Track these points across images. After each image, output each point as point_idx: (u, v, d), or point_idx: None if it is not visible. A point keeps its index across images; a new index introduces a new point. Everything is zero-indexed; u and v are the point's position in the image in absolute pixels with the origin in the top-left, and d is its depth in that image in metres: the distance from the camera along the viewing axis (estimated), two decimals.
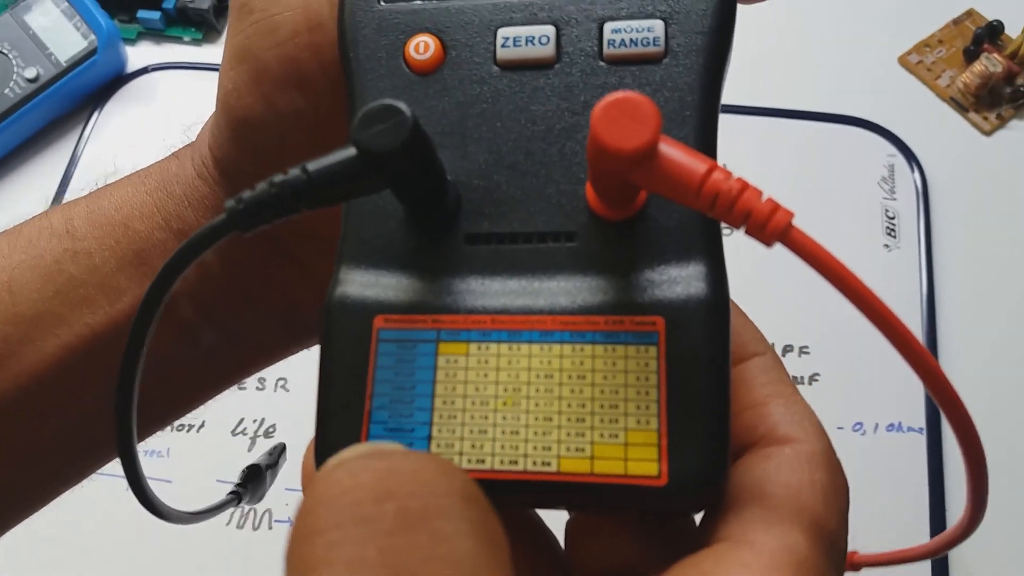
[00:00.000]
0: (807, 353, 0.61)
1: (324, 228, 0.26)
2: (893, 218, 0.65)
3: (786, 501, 0.19)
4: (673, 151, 0.18)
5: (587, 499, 0.19)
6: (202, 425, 0.60)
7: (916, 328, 0.61)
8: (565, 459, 0.19)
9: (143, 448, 0.60)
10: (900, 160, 0.68)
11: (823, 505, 0.19)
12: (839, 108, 0.70)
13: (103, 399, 0.25)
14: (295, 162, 0.19)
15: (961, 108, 0.70)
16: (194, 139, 0.29)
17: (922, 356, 0.17)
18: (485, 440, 0.19)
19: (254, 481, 0.31)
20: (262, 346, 0.30)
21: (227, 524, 0.57)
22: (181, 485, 0.57)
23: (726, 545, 0.18)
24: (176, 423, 0.59)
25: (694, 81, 0.21)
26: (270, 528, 0.57)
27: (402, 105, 0.18)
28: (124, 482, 0.24)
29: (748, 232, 0.18)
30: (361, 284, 0.21)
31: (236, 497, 0.30)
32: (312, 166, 0.19)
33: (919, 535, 0.54)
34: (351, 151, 0.19)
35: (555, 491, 0.19)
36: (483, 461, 0.19)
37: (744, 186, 0.18)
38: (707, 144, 0.21)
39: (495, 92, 0.22)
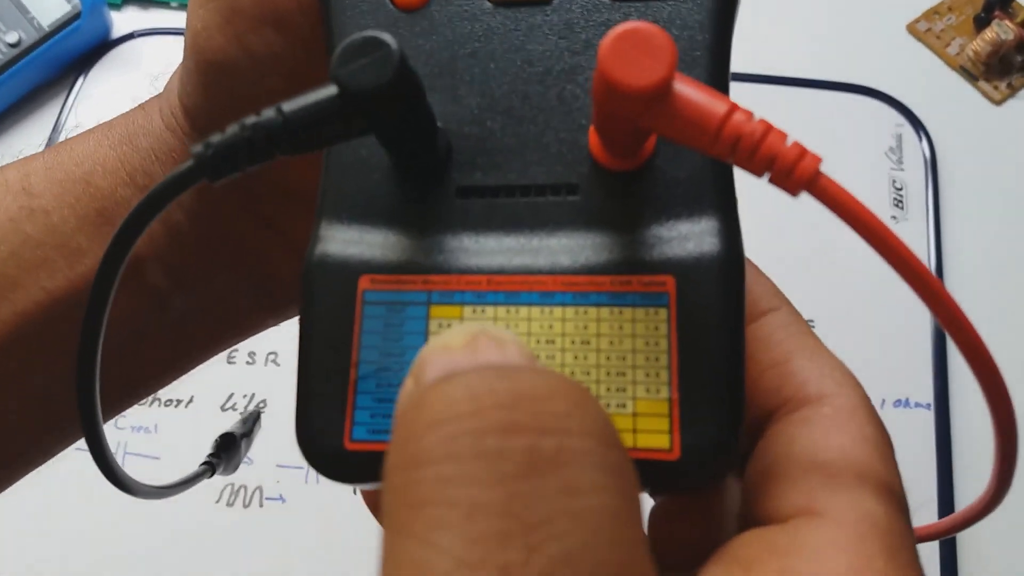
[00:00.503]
0: (812, 326, 0.60)
1: (303, 187, 0.24)
2: (901, 189, 0.63)
3: (846, 465, 0.17)
4: (689, 89, 0.16)
5: None
6: (190, 400, 0.59)
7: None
8: None
9: (130, 424, 0.59)
10: (908, 130, 0.66)
11: (882, 462, 0.17)
12: (846, 76, 0.68)
13: (64, 370, 0.23)
14: None
15: (971, 77, 0.68)
16: (162, 90, 0.27)
17: (961, 321, 0.16)
18: None
19: (228, 451, 0.29)
20: (237, 316, 0.29)
21: (216, 502, 0.55)
22: (170, 461, 0.56)
23: (800, 521, 0.17)
24: (164, 398, 0.58)
25: (704, 18, 0.20)
26: (261, 505, 0.55)
27: (387, 37, 0.17)
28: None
29: (772, 180, 0.16)
30: (344, 241, 0.19)
31: (210, 468, 0.28)
32: (288, 106, 0.17)
33: (927, 511, 0.53)
34: (331, 89, 0.17)
35: None
36: None
37: (768, 128, 0.16)
38: (719, 87, 0.19)
39: (488, 30, 0.20)
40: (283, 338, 0.30)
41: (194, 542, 0.54)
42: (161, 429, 0.57)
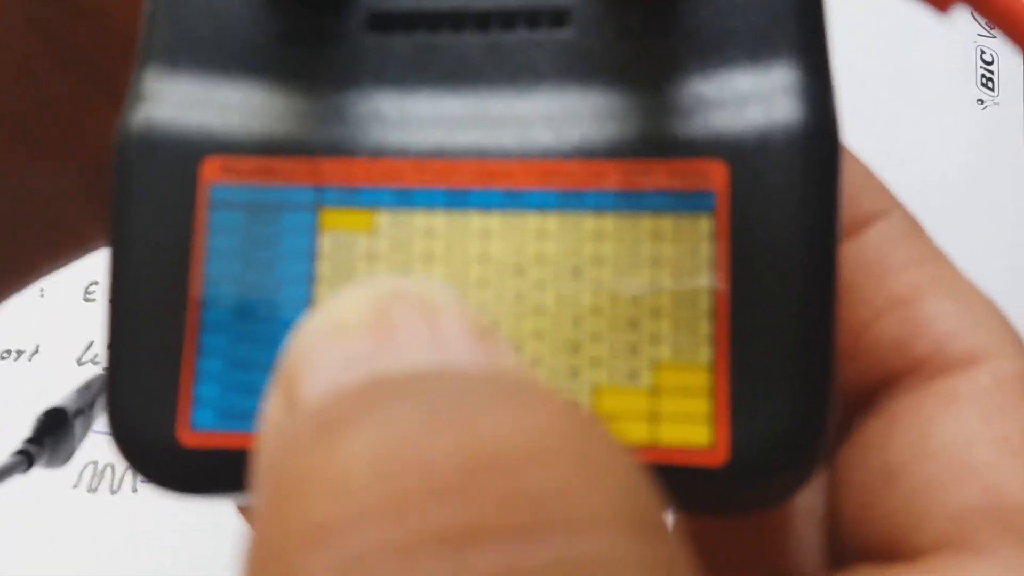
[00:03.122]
0: None
1: (135, 19, 0.17)
2: (991, 63, 0.50)
3: (1018, 474, 0.11)
4: None
5: None
6: (36, 351, 0.49)
7: (1019, 205, 0.48)
8: None
9: None
10: None
11: None
12: None
13: None
14: None
15: None
16: None
17: None
18: None
19: (55, 433, 0.22)
20: (66, 222, 0.21)
21: (74, 486, 0.46)
22: (7, 433, 0.46)
23: (944, 562, 0.11)
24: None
25: None
26: (134, 491, 0.46)
27: None
28: None
29: None
30: (180, 102, 0.12)
31: (25, 459, 0.21)
32: None
33: None
34: None
35: None
36: None
37: None
38: None
39: None
40: None
41: (45, 537, 0.45)
42: None
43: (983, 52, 0.50)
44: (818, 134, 0.11)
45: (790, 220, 0.11)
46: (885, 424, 0.12)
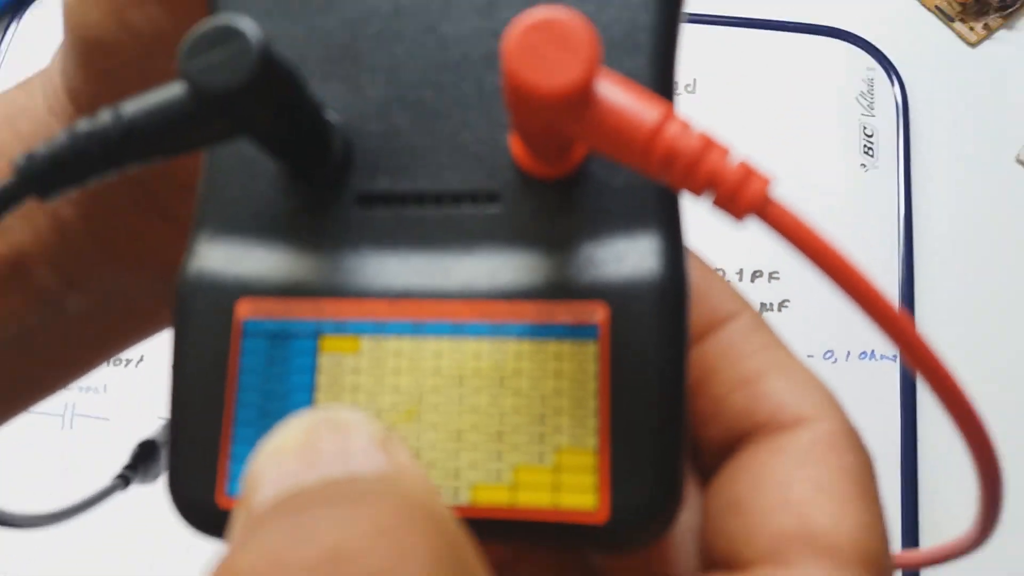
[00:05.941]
0: (776, 279, 0.58)
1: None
2: (871, 136, 0.60)
3: (820, 506, 0.15)
4: (615, 92, 0.13)
5: (508, 538, 0.16)
6: (140, 360, 0.56)
7: (891, 251, 0.57)
8: (480, 488, 0.15)
9: (78, 384, 0.56)
10: (880, 74, 0.63)
11: (862, 499, 0.15)
12: (816, 18, 0.64)
13: None
14: None
15: (947, 18, 0.65)
16: (49, 64, 0.24)
17: (937, 371, 0.13)
18: None
19: (147, 461, 0.27)
20: (141, 316, 0.26)
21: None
22: (119, 423, 0.53)
23: (765, 572, 0.15)
24: (113, 358, 0.56)
25: None
26: None
27: (246, 24, 0.14)
28: None
29: (716, 203, 0.14)
30: (224, 258, 0.17)
31: (123, 482, 0.26)
32: (130, 108, 0.14)
33: (890, 463, 0.52)
34: (178, 88, 0.14)
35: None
36: None
37: (707, 143, 0.13)
38: (664, 79, 0.16)
39: (397, 7, 0.17)
40: None
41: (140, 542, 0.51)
42: (111, 389, 0.55)
43: (865, 127, 0.61)
44: (670, 284, 0.15)
45: (651, 346, 0.15)
46: (734, 470, 0.16)
